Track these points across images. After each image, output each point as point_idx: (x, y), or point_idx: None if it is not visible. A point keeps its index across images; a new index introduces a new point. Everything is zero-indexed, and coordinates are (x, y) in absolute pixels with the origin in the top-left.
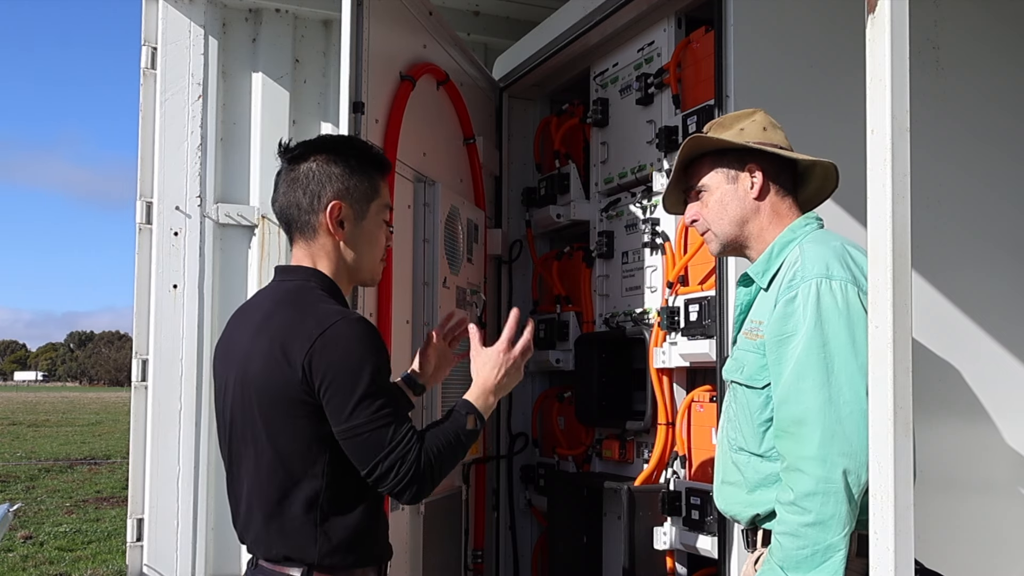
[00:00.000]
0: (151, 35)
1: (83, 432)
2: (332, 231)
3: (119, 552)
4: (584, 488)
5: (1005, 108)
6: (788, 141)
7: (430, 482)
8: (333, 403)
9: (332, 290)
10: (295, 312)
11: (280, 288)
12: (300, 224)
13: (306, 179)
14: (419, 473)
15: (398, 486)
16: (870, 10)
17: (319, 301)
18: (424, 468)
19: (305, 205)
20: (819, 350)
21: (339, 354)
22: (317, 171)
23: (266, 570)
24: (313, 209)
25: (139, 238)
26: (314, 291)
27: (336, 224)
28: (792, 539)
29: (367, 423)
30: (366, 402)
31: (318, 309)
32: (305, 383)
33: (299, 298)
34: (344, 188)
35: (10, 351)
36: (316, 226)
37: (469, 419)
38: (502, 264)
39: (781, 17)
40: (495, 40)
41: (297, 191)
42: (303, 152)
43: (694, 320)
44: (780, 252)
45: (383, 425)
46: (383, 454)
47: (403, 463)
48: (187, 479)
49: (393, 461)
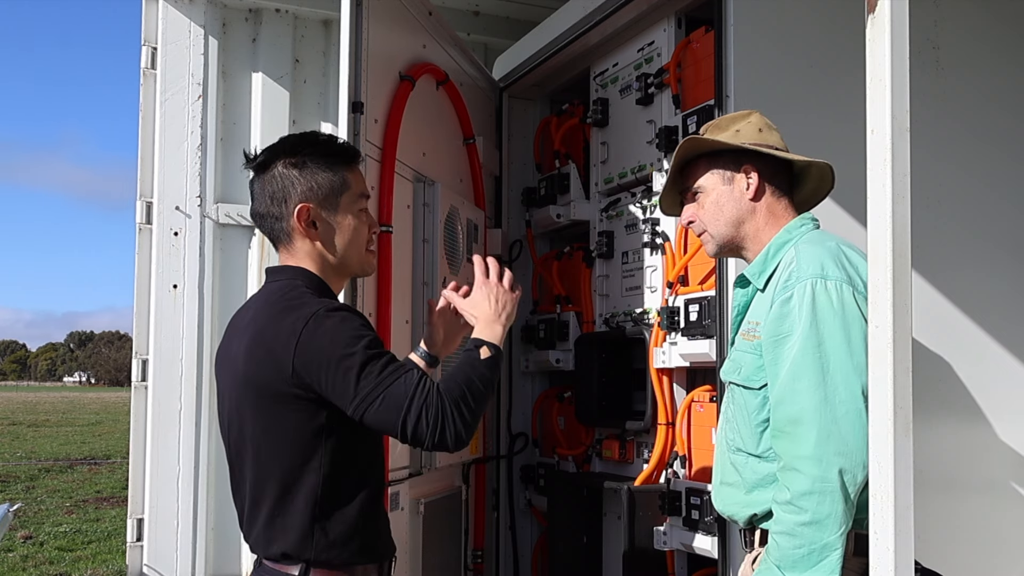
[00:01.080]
0: (151, 35)
1: (83, 432)
2: (305, 233)
3: (119, 552)
4: (584, 488)
5: (1005, 108)
6: (784, 142)
7: (467, 420)
8: (336, 385)
9: (319, 287)
10: (278, 310)
11: (267, 289)
12: (275, 232)
13: (271, 186)
14: (450, 412)
15: (436, 434)
16: (870, 10)
17: (303, 297)
18: (453, 406)
19: (275, 212)
20: (815, 350)
21: (327, 338)
22: (280, 176)
23: (268, 569)
24: (283, 215)
25: (139, 238)
26: (299, 289)
27: (308, 226)
28: (789, 538)
29: (376, 387)
30: (368, 367)
31: (301, 304)
32: (295, 377)
33: (283, 297)
34: (308, 189)
35: (10, 351)
36: (290, 232)
37: (481, 350)
38: (502, 264)
39: (781, 17)
40: (495, 40)
41: (266, 199)
42: (267, 158)
43: (694, 320)
44: (776, 253)
45: (392, 382)
46: (405, 408)
47: (428, 408)
48: (187, 479)
49: (418, 410)
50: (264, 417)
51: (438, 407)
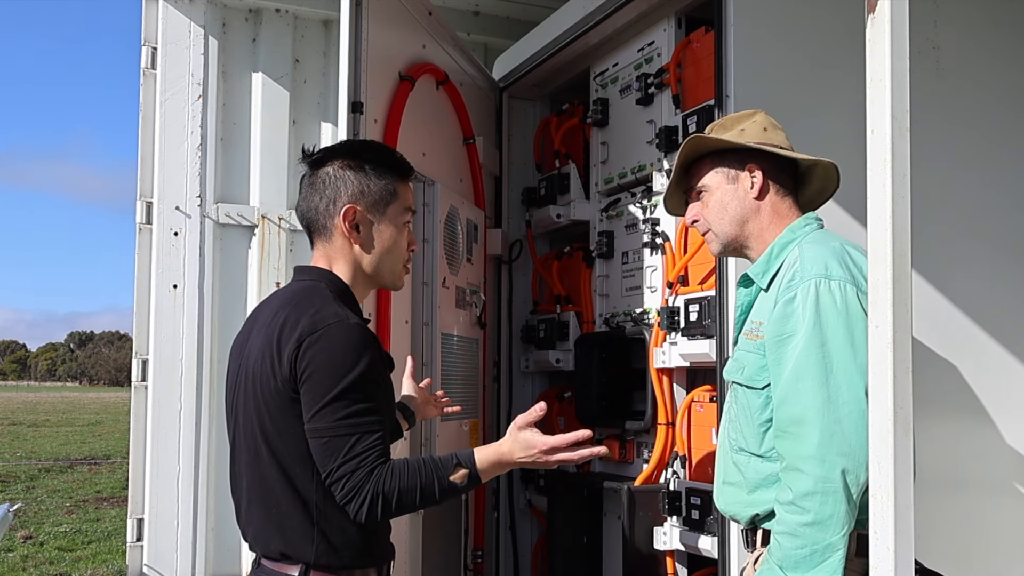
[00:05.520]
0: (151, 35)
1: (83, 432)
2: (348, 235)
3: (119, 552)
4: (584, 488)
5: (1005, 108)
6: (789, 142)
7: (387, 510)
8: (305, 400)
9: (343, 293)
10: (296, 311)
11: (291, 288)
12: (318, 227)
13: (323, 184)
14: (366, 496)
15: (344, 499)
16: (870, 10)
17: (323, 302)
18: (375, 494)
19: (322, 208)
20: (818, 350)
21: (324, 353)
22: (334, 175)
23: (267, 569)
24: (329, 213)
25: (139, 238)
26: (322, 292)
27: (351, 228)
28: (791, 539)
29: (329, 428)
30: (335, 405)
31: (318, 310)
32: (292, 379)
33: (305, 298)
34: (359, 191)
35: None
36: (332, 229)
37: (459, 472)
38: (502, 264)
39: (781, 17)
40: (495, 40)
41: (315, 195)
42: (323, 157)
43: (694, 320)
44: (780, 253)
45: (345, 434)
46: (336, 463)
47: (350, 479)
48: (187, 479)
49: (344, 473)
50: (267, 413)
51: (359, 484)
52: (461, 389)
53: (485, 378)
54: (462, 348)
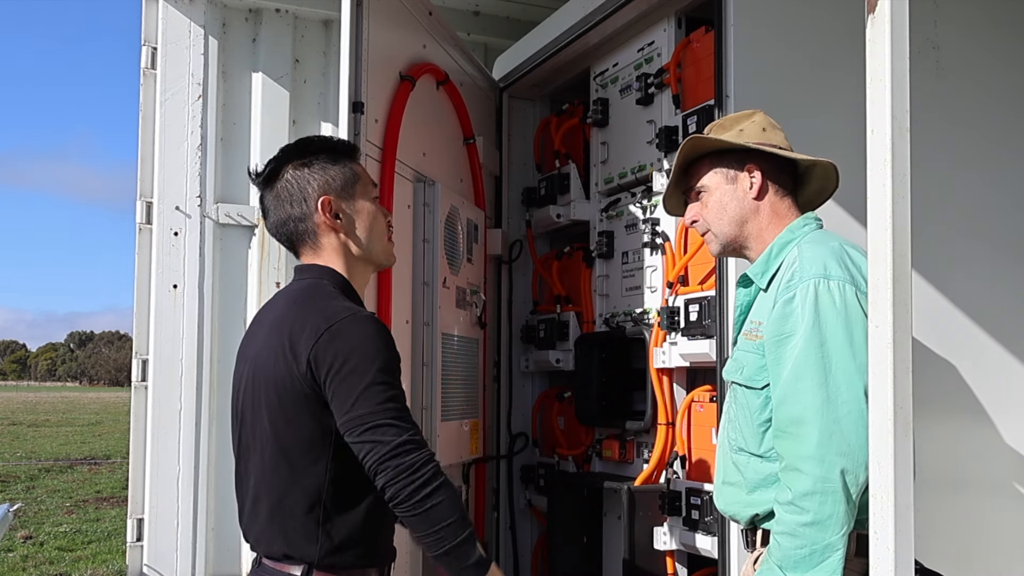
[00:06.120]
0: (151, 35)
1: (83, 432)
2: (331, 225)
3: (119, 552)
4: (584, 488)
5: (1005, 108)
6: (788, 142)
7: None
8: (339, 392)
9: (345, 288)
10: (304, 308)
11: (294, 286)
12: (300, 234)
13: (287, 192)
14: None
15: (408, 486)
16: (870, 10)
17: (329, 298)
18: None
19: (297, 214)
20: (817, 350)
21: (347, 345)
22: (294, 180)
23: (268, 568)
24: (306, 214)
25: (139, 238)
26: (325, 288)
27: (332, 217)
28: (790, 539)
29: (372, 412)
30: (372, 390)
31: (327, 305)
32: (310, 375)
33: (310, 295)
34: (325, 183)
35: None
36: (314, 229)
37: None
38: (502, 264)
39: (781, 17)
40: (495, 40)
41: (284, 205)
42: (274, 169)
43: (694, 320)
44: (779, 253)
45: (393, 417)
46: (387, 450)
47: (416, 444)
48: (187, 479)
49: (409, 440)
50: (277, 414)
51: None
52: (461, 389)
53: (485, 378)
54: (462, 348)
